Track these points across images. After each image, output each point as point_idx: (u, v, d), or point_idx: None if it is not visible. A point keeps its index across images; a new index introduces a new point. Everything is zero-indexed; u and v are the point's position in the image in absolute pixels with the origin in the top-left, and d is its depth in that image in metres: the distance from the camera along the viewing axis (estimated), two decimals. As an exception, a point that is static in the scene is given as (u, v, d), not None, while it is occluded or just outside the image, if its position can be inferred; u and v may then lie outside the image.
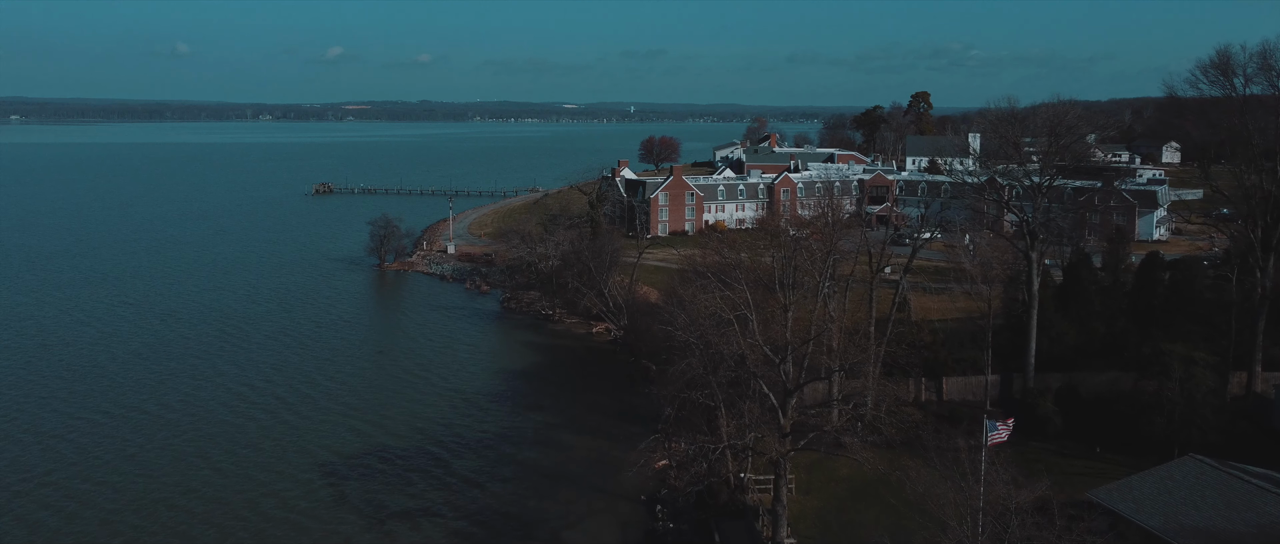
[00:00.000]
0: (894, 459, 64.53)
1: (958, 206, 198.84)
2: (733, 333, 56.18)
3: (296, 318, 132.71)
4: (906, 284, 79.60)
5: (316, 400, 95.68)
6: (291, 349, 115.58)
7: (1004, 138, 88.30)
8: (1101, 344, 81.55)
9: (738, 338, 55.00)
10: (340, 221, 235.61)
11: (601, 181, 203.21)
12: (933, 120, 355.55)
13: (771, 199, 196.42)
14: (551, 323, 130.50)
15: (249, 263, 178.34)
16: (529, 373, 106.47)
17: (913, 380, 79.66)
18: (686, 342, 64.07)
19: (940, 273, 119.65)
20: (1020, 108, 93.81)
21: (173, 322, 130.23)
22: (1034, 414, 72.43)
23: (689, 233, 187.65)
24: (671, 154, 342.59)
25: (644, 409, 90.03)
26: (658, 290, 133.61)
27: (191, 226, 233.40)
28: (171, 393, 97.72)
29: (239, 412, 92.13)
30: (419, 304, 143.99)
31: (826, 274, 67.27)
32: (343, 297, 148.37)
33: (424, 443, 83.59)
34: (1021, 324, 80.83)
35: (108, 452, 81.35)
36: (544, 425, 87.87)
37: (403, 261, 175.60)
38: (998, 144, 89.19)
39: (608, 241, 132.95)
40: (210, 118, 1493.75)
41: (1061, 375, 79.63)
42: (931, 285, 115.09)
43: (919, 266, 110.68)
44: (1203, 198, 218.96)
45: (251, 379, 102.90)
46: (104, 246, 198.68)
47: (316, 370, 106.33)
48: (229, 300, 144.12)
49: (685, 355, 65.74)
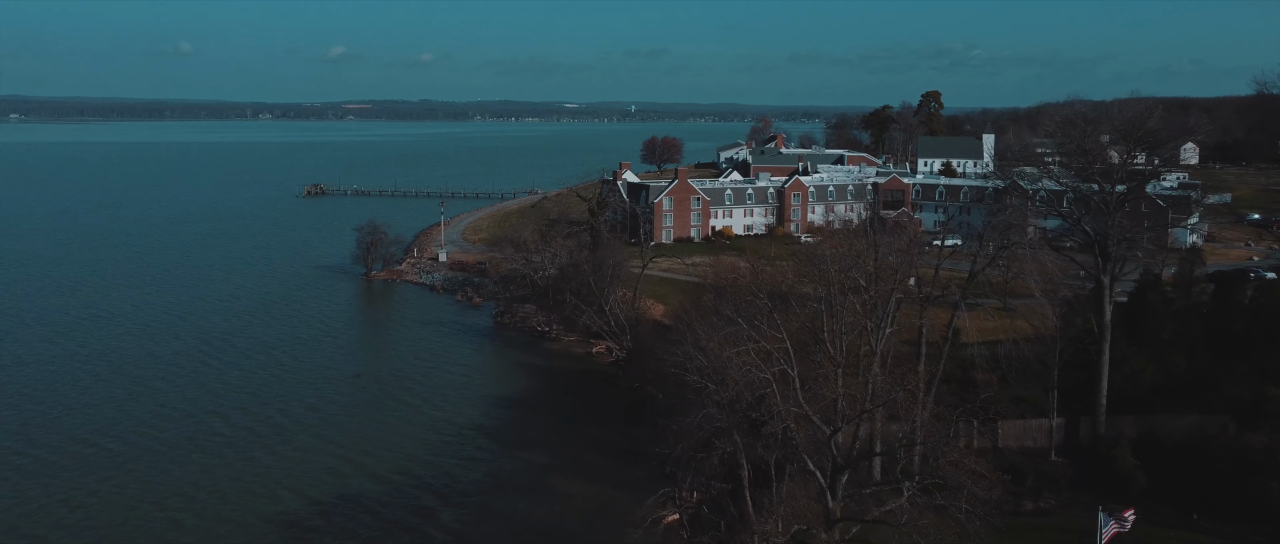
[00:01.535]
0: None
1: (978, 211, 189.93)
2: (768, 392, 46.20)
3: (275, 334, 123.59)
4: (963, 308, 68.58)
5: (291, 434, 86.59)
6: (267, 370, 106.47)
7: (1076, 141, 76.46)
8: (1180, 381, 71.32)
9: (777, 401, 45.29)
10: (330, 225, 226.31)
11: (602, 185, 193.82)
12: (943, 120, 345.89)
13: (782, 204, 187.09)
14: (548, 341, 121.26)
15: (230, 271, 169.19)
16: (523, 401, 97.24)
17: (962, 423, 69.59)
18: (704, 385, 54.46)
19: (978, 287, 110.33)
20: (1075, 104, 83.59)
21: (143, 338, 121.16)
22: (1111, 469, 62.06)
23: (695, 239, 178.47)
24: (674, 155, 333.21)
25: (649, 440, 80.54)
26: (664, 304, 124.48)
27: (177, 230, 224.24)
28: (131, 424, 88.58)
29: (205, 448, 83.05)
30: (406, 319, 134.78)
31: (886, 321, 56.23)
32: (325, 310, 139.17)
33: (405, 487, 74.57)
34: (1087, 357, 70.37)
35: (50, 498, 72.21)
36: (538, 468, 78.64)
37: (391, 270, 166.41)
38: (1072, 148, 77.46)
39: (609, 253, 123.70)
40: (210, 117, 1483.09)
41: (1136, 419, 69.30)
42: (969, 301, 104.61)
43: (944, 276, 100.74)
44: (1231, 202, 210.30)
45: (221, 406, 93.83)
46: (84, 252, 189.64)
47: (292, 396, 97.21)
48: (205, 313, 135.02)
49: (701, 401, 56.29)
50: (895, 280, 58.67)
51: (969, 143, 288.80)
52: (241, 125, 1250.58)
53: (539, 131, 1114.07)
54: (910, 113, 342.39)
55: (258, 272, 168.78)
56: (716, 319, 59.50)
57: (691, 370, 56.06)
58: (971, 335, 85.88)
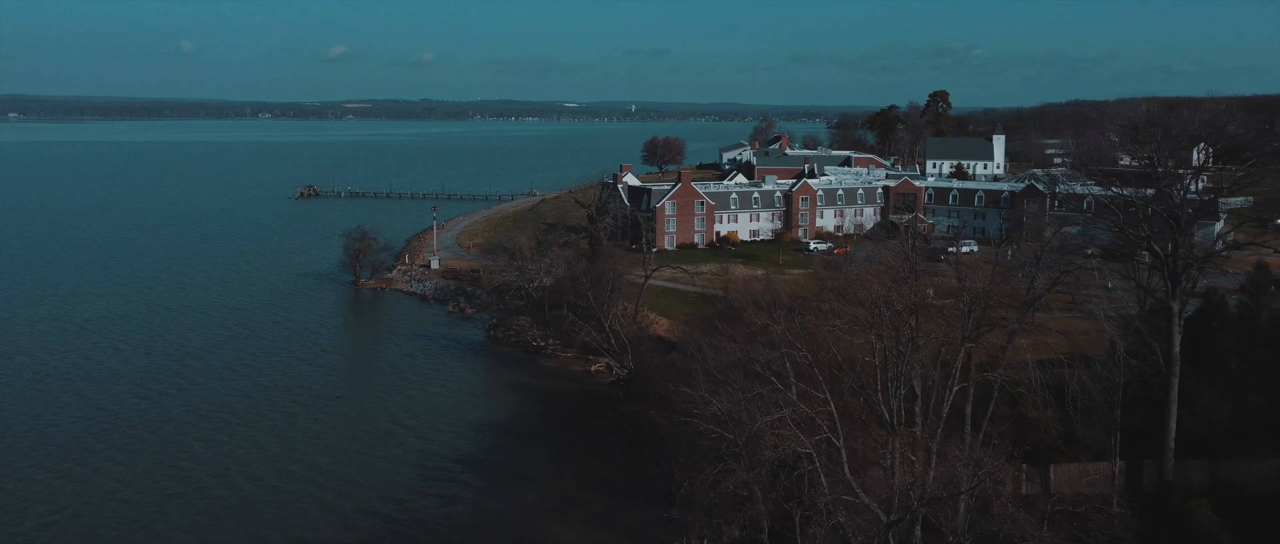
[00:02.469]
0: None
1: (993, 216, 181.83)
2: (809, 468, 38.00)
3: (253, 350, 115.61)
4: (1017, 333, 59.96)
5: (258, 470, 78.62)
6: (240, 394, 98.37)
7: (1152, 144, 67.67)
8: (1257, 419, 62.61)
9: (820, 478, 37.25)
10: (320, 229, 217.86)
11: (602, 189, 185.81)
12: (951, 120, 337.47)
13: (789, 208, 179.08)
14: (543, 357, 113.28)
15: (212, 280, 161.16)
16: (515, 428, 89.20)
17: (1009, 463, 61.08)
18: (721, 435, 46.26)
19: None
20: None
21: (113, 354, 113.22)
22: (1188, 525, 53.60)
23: (699, 245, 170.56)
24: (676, 156, 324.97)
25: (653, 475, 72.94)
26: (667, 319, 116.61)
27: (164, 234, 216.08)
28: (86, 460, 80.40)
29: (161, 488, 75.12)
30: (393, 332, 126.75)
31: (954, 379, 47.45)
32: (309, 323, 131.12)
33: (381, 535, 66.64)
34: (1150, 393, 61.87)
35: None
36: (529, 510, 70.61)
37: (381, 278, 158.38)
38: (1148, 152, 68.76)
39: (609, 263, 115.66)
40: (210, 116, 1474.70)
41: (1207, 464, 61.01)
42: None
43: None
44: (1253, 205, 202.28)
45: (185, 437, 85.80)
46: (64, 257, 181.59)
47: (265, 424, 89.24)
48: (180, 328, 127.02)
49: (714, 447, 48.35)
50: (968, 328, 50.04)
51: (979, 144, 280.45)
52: (240, 125, 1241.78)
53: (539, 131, 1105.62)
54: (917, 113, 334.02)
55: (241, 280, 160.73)
56: (744, 375, 50.16)
57: (706, 419, 47.95)
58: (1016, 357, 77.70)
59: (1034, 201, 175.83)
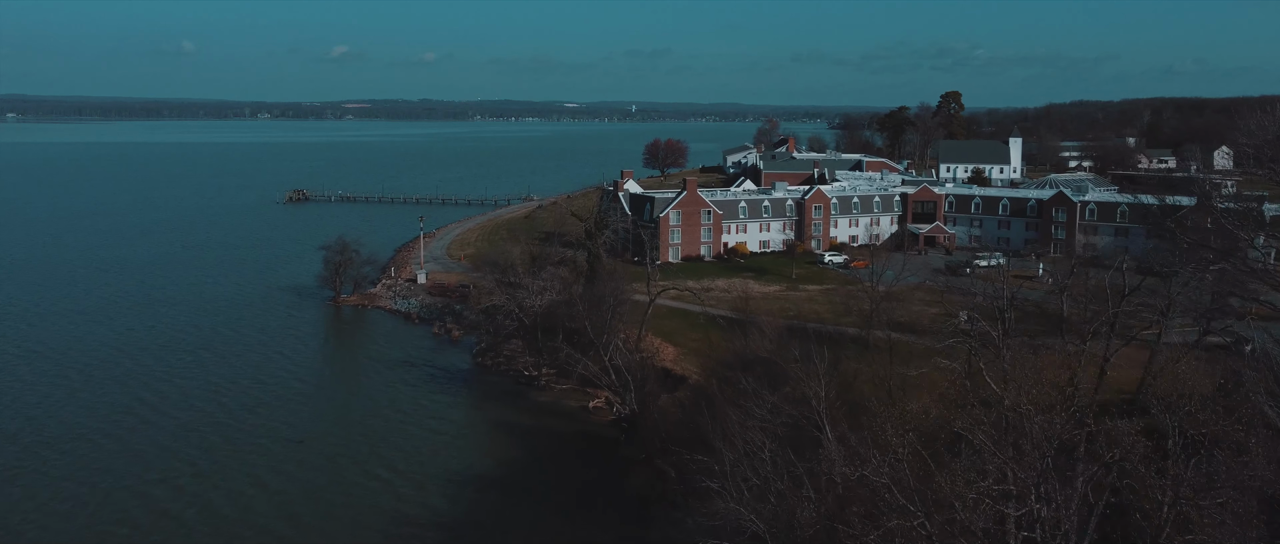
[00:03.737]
0: None
1: (1017, 225, 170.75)
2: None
3: (217, 379, 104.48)
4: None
5: (199, 540, 67.82)
6: (194, 435, 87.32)
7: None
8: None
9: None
10: (306, 237, 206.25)
11: (602, 197, 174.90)
12: (963, 122, 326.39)
13: (801, 217, 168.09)
14: (535, 389, 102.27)
15: (184, 295, 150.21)
16: (501, 481, 78.14)
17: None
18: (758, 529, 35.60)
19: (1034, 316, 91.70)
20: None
21: (68, 384, 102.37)
22: None
23: (706, 257, 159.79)
24: (679, 159, 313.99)
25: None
26: (674, 346, 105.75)
27: (143, 244, 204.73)
28: (21, 519, 69.75)
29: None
30: (372, 358, 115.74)
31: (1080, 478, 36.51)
32: (283, 345, 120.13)
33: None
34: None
35: None
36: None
37: (363, 294, 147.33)
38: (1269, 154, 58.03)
39: (609, 285, 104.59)
40: (209, 116, 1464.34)
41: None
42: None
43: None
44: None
45: (119, 494, 75.02)
46: (32, 271, 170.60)
47: (219, 476, 78.24)
48: (147, 350, 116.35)
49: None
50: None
51: (994, 147, 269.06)
52: (238, 125, 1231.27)
53: (538, 132, 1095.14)
54: (928, 114, 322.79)
55: (212, 296, 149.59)
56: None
57: (744, 507, 37.34)
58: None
59: (1063, 210, 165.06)
